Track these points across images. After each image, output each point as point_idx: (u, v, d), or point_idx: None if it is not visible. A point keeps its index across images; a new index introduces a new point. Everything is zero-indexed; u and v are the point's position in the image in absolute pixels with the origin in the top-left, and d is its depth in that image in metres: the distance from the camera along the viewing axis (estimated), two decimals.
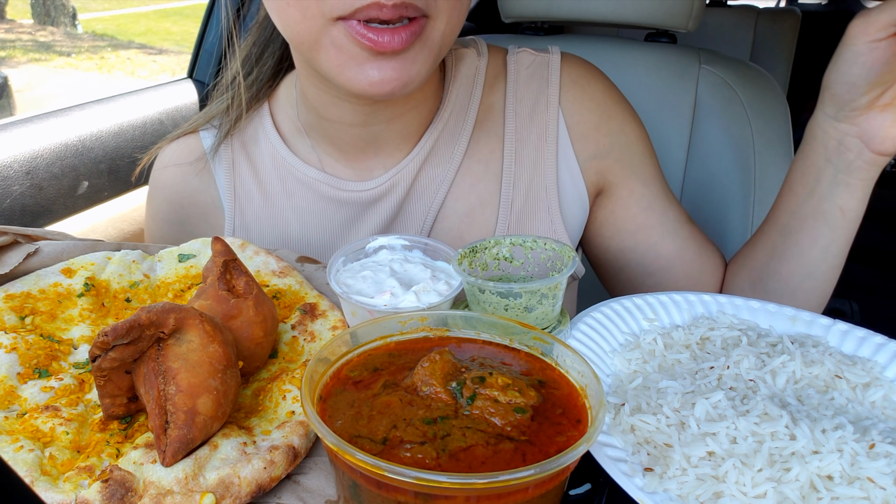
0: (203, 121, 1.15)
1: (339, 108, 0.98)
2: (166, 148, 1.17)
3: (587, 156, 1.09)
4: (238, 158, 1.12)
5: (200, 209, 1.16)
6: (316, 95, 0.99)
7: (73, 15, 10.97)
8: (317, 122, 1.04)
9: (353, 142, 1.03)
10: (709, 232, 1.61)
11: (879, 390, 0.69)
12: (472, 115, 1.07)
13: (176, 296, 0.86)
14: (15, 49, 9.37)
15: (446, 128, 1.06)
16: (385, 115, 0.99)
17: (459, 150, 1.06)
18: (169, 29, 11.84)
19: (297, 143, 1.09)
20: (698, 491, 0.56)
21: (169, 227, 1.18)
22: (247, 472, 0.60)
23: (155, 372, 0.62)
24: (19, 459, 0.59)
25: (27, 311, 0.79)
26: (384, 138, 1.03)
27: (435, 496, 0.48)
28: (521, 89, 1.09)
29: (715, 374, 0.70)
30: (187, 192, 1.15)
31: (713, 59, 1.63)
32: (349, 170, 1.07)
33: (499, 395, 0.56)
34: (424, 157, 1.05)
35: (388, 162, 1.06)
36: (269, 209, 1.11)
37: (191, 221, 1.16)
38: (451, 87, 1.06)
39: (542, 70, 1.09)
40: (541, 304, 0.76)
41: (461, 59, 1.09)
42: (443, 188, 1.06)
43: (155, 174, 1.19)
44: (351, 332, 0.63)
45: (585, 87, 1.09)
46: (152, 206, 1.20)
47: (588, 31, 2.20)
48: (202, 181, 1.14)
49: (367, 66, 0.83)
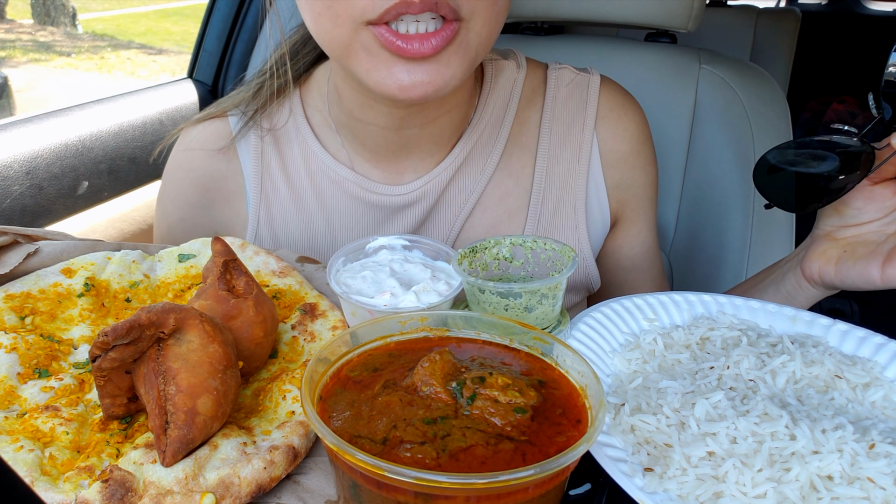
0: (231, 105, 1.12)
1: (374, 110, 0.97)
2: (192, 129, 1.14)
3: (613, 183, 1.10)
4: (267, 148, 1.10)
5: (225, 195, 1.13)
6: (351, 96, 0.98)
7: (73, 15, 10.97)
8: (349, 121, 1.03)
9: (385, 144, 1.02)
10: (709, 232, 1.61)
11: (879, 390, 0.69)
12: (506, 127, 1.06)
13: (176, 296, 0.86)
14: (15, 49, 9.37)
15: (480, 139, 1.05)
16: (419, 119, 0.97)
17: (492, 163, 1.05)
18: (169, 29, 11.84)
19: (327, 139, 1.08)
20: (698, 491, 0.56)
21: (192, 211, 1.15)
22: (247, 472, 0.60)
23: (155, 372, 0.62)
24: (19, 459, 0.59)
25: (27, 311, 0.79)
26: (416, 143, 1.02)
27: (435, 496, 0.48)
28: (559, 107, 1.08)
29: (715, 374, 0.70)
30: (214, 177, 1.12)
31: (713, 59, 1.63)
32: (379, 171, 1.06)
33: (499, 395, 0.56)
34: (457, 167, 1.04)
35: (419, 167, 1.05)
36: (296, 203, 1.09)
37: (215, 206, 1.14)
38: (488, 97, 1.05)
39: (581, 90, 1.09)
40: (541, 304, 0.76)
41: (500, 70, 1.08)
42: (472, 199, 1.05)
43: (180, 155, 1.14)
44: (351, 332, 0.63)
45: (622, 116, 1.09)
46: (174, 189, 1.16)
47: (588, 31, 2.19)
48: (230, 167, 1.12)
49: (397, 69, 0.81)
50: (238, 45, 2.03)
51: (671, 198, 1.66)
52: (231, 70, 2.04)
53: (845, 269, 0.90)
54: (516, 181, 1.07)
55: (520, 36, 1.82)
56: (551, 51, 1.73)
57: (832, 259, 0.92)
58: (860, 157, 0.86)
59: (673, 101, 1.63)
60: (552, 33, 1.82)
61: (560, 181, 1.07)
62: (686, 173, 1.64)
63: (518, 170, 1.07)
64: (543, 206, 1.07)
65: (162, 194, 1.19)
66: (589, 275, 1.12)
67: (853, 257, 0.90)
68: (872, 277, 0.87)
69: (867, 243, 0.90)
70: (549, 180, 1.07)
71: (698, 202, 1.64)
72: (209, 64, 2.03)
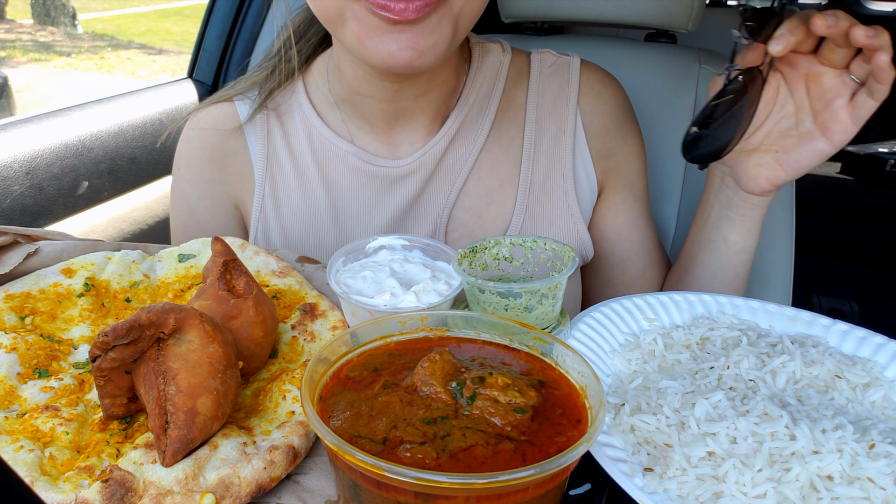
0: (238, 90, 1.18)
1: (371, 83, 1.03)
2: (200, 112, 1.20)
3: (597, 153, 1.17)
4: (272, 128, 1.16)
5: (238, 169, 1.18)
6: (351, 71, 1.05)
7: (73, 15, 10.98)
8: (349, 96, 1.09)
9: (382, 116, 1.09)
10: None
11: (879, 390, 0.69)
12: (494, 103, 1.14)
13: (176, 296, 0.86)
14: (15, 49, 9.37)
15: (470, 112, 1.12)
16: (411, 91, 1.04)
17: (482, 134, 1.13)
18: (169, 29, 11.84)
19: (329, 115, 1.14)
20: (698, 491, 0.56)
21: (210, 186, 1.19)
22: (247, 472, 0.60)
23: (155, 372, 0.62)
24: (19, 459, 0.59)
25: (27, 311, 0.79)
26: (411, 114, 1.09)
27: (435, 496, 0.48)
28: (544, 85, 1.16)
29: (715, 374, 0.70)
30: (227, 153, 1.18)
31: (713, 59, 1.63)
32: (378, 143, 1.12)
33: (499, 395, 0.56)
34: (451, 139, 1.11)
35: (415, 138, 1.11)
36: (300, 178, 1.15)
37: (230, 181, 1.18)
38: (476, 74, 1.13)
39: (563, 70, 1.17)
40: (541, 304, 0.76)
41: (487, 51, 1.16)
42: (465, 168, 1.12)
43: (191, 134, 1.20)
44: (351, 332, 0.63)
45: (602, 91, 1.17)
46: (189, 168, 1.20)
47: (588, 31, 2.19)
48: (238, 145, 1.17)
49: (385, 37, 0.86)
50: (238, 45, 2.03)
51: (671, 198, 1.65)
52: (231, 70, 2.04)
53: (792, 162, 0.95)
54: (506, 152, 1.14)
55: (520, 36, 1.82)
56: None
57: (771, 164, 0.96)
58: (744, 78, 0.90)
59: (673, 101, 1.63)
60: (552, 33, 1.82)
61: (548, 152, 1.14)
62: (686, 173, 1.64)
63: (507, 142, 1.14)
64: (534, 175, 1.14)
65: (177, 179, 1.23)
66: (582, 241, 1.17)
67: (789, 150, 0.95)
68: (824, 150, 0.92)
69: (786, 133, 0.96)
70: (537, 151, 1.14)
71: (698, 202, 1.63)
72: (209, 64, 2.03)
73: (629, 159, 1.20)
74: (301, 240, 1.14)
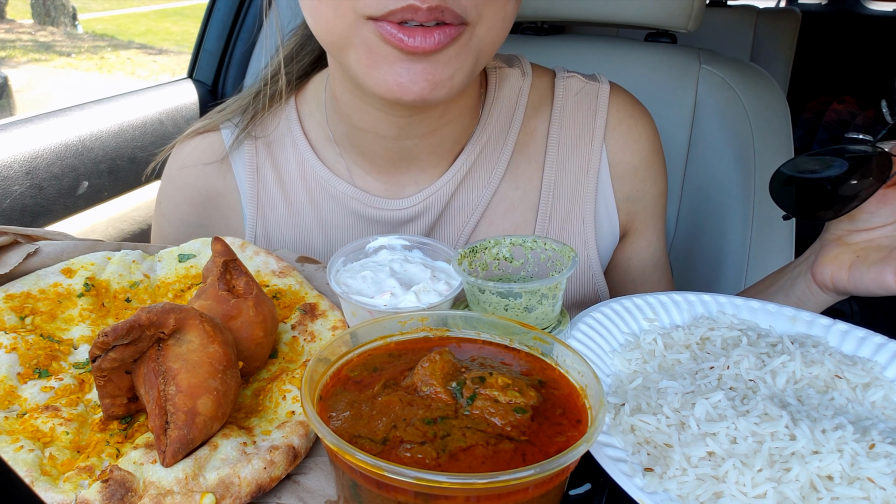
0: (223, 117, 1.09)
1: (373, 117, 0.93)
2: (185, 144, 1.11)
3: (623, 196, 1.07)
4: (262, 162, 1.06)
5: (222, 211, 1.10)
6: (350, 101, 0.94)
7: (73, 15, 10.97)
8: (349, 130, 0.99)
9: (385, 155, 0.98)
10: (709, 232, 1.61)
11: (879, 390, 0.69)
12: (512, 138, 1.03)
13: (176, 296, 0.86)
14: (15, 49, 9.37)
15: (485, 149, 1.02)
16: (420, 128, 0.94)
17: (497, 174, 1.02)
18: (169, 29, 11.83)
19: (325, 150, 1.04)
20: (698, 491, 0.56)
21: (186, 229, 1.12)
22: (247, 472, 0.60)
23: (155, 372, 0.62)
24: (19, 459, 0.59)
25: (27, 311, 0.79)
26: (418, 154, 0.98)
27: (435, 496, 0.48)
28: (567, 117, 1.05)
29: (715, 374, 0.70)
30: (210, 194, 1.10)
31: (713, 59, 1.63)
32: (379, 184, 1.02)
33: (499, 395, 0.56)
34: (461, 179, 1.01)
35: (421, 179, 1.01)
36: (294, 219, 1.06)
37: (211, 223, 1.11)
38: (492, 107, 1.02)
39: (590, 100, 1.06)
40: (541, 304, 0.76)
41: (505, 78, 1.05)
42: (477, 212, 1.02)
43: (173, 173, 1.11)
44: (351, 332, 0.63)
45: (632, 128, 1.06)
46: (169, 207, 1.13)
47: (588, 31, 2.19)
48: (225, 183, 1.09)
49: (397, 66, 0.77)
50: (238, 45, 2.03)
51: (671, 198, 1.65)
52: (231, 70, 2.04)
53: (858, 275, 0.89)
54: (523, 193, 1.04)
55: (520, 36, 1.82)
56: (551, 51, 1.73)
57: (845, 264, 0.90)
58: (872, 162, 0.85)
59: (673, 102, 1.63)
60: (552, 33, 1.82)
61: (568, 194, 1.04)
62: (686, 173, 1.64)
63: (525, 182, 1.04)
64: (551, 221, 1.04)
65: (157, 213, 1.17)
66: (597, 289, 1.09)
67: (866, 262, 0.88)
68: (887, 282, 0.86)
69: (880, 248, 0.88)
70: (556, 193, 1.03)
71: (698, 203, 1.64)
72: (209, 64, 2.03)
73: (656, 200, 1.11)
74: None
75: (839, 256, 0.91)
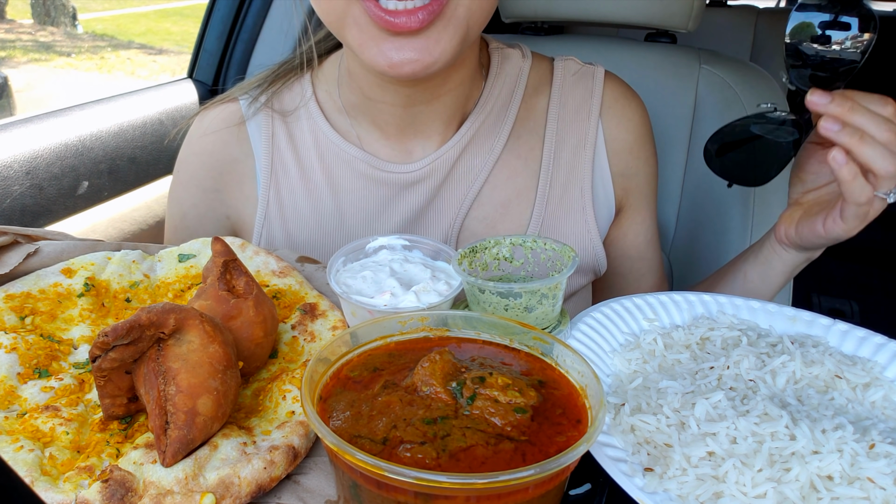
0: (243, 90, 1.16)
1: (383, 88, 1.00)
2: (206, 113, 1.18)
3: (617, 171, 1.14)
4: (277, 130, 1.13)
5: (237, 177, 1.16)
6: (362, 75, 1.02)
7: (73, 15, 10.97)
8: (361, 101, 1.06)
9: (394, 122, 1.06)
10: (709, 232, 1.61)
11: (879, 390, 0.69)
12: (513, 111, 1.10)
13: (176, 296, 0.86)
14: (15, 49, 9.37)
15: (487, 120, 1.09)
16: (424, 95, 1.01)
17: (499, 143, 1.09)
18: (169, 29, 11.84)
19: (337, 120, 1.11)
20: (698, 491, 0.56)
21: (204, 196, 1.18)
22: (247, 472, 0.60)
23: (155, 372, 0.62)
24: (19, 459, 0.59)
25: (27, 311, 0.79)
26: (424, 120, 1.05)
27: (435, 496, 0.48)
28: (566, 95, 1.13)
29: (715, 374, 0.70)
30: (227, 160, 1.15)
31: (713, 59, 1.63)
32: (388, 150, 1.09)
33: (499, 395, 0.56)
34: (465, 145, 1.07)
35: (428, 145, 1.08)
36: (305, 183, 1.12)
37: (227, 190, 1.17)
38: (494, 81, 1.09)
39: (586, 80, 1.14)
40: (541, 304, 0.76)
41: (506, 58, 1.12)
42: (481, 177, 1.09)
43: (194, 140, 1.18)
44: (351, 332, 0.63)
45: (626, 107, 1.14)
46: (187, 173, 1.19)
47: (588, 31, 2.20)
48: (241, 149, 1.15)
49: (386, 46, 0.83)
50: (238, 45, 2.03)
51: (671, 198, 1.66)
52: (231, 70, 2.04)
53: (800, 227, 0.97)
54: (525, 162, 1.10)
55: (520, 36, 1.82)
56: (551, 51, 1.72)
57: (795, 220, 0.99)
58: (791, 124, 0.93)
59: (673, 101, 1.63)
60: (552, 33, 1.82)
61: (567, 165, 1.11)
62: (686, 173, 1.64)
63: (526, 152, 1.11)
64: (552, 188, 1.10)
65: (175, 182, 1.22)
66: (596, 257, 1.14)
67: (808, 216, 0.97)
68: (817, 231, 0.94)
69: (821, 203, 0.96)
70: (556, 164, 1.10)
71: (698, 202, 1.64)
72: (209, 64, 2.03)
73: (648, 179, 1.18)
74: (306, 245, 1.13)
75: (793, 214, 1.00)
